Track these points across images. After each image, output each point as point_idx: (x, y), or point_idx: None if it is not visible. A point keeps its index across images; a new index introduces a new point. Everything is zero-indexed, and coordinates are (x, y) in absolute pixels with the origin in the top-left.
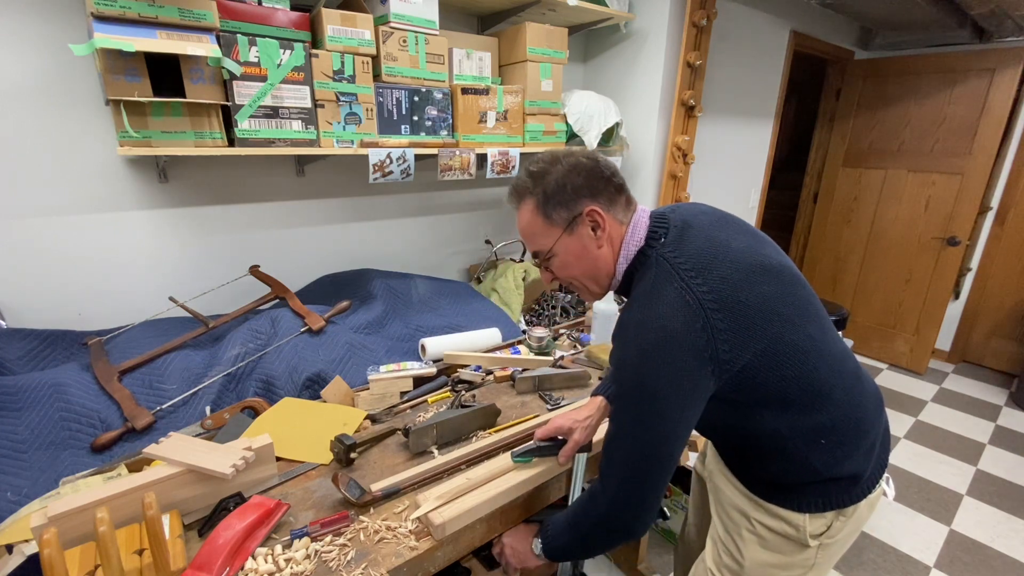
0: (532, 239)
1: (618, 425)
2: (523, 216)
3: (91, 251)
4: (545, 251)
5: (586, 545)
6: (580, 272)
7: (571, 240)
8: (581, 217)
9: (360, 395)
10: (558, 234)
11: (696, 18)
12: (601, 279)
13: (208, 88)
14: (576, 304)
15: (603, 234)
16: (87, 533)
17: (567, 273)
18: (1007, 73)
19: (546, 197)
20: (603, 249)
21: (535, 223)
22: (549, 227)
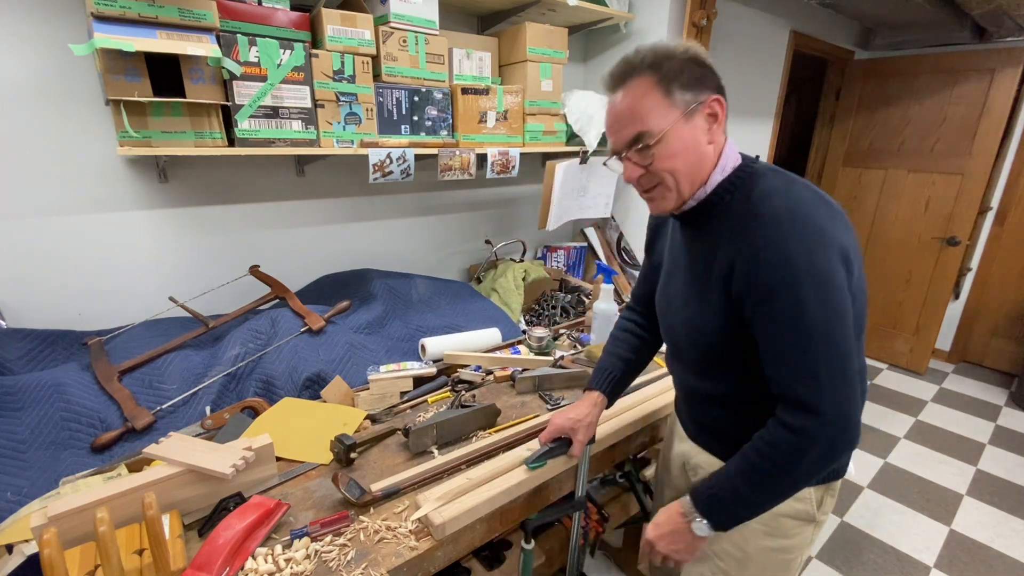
0: (639, 119)
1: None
2: (632, 93)
3: (91, 251)
4: (654, 133)
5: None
6: (682, 165)
7: (686, 127)
8: (703, 105)
9: (360, 395)
10: (675, 116)
11: (696, 18)
12: (696, 181)
13: (208, 88)
14: (576, 304)
15: (716, 129)
16: (87, 533)
17: (668, 164)
18: (1007, 73)
19: (672, 75)
20: (709, 148)
21: (650, 100)
22: (667, 107)
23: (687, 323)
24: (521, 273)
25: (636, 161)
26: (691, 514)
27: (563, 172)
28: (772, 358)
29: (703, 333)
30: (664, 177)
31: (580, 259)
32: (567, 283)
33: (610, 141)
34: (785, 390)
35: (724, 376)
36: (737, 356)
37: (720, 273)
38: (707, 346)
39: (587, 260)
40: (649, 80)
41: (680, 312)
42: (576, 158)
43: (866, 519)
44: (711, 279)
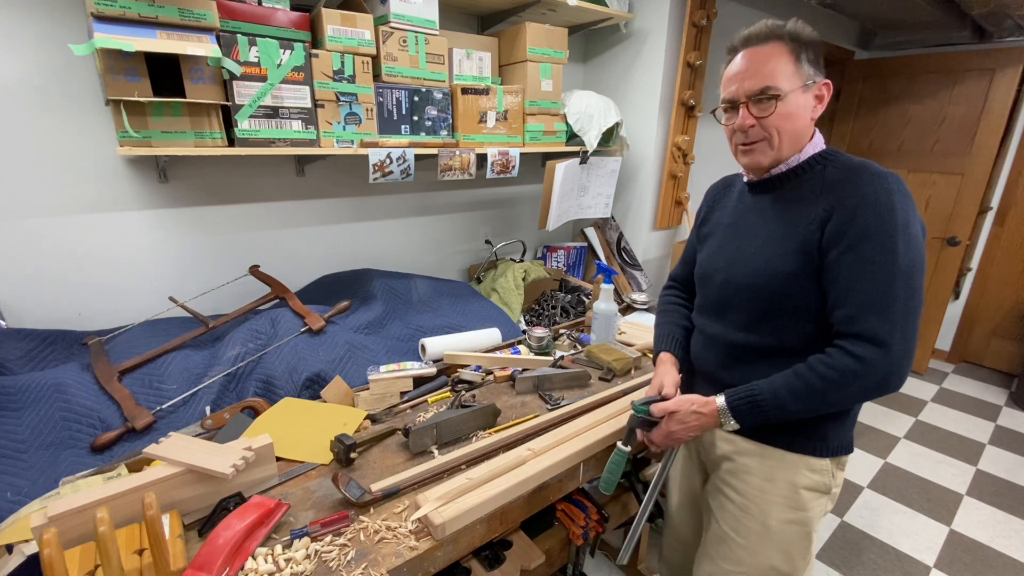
0: (770, 75)
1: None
2: (769, 52)
3: (91, 251)
4: (781, 90)
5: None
6: (790, 128)
7: (802, 97)
8: (816, 86)
9: (360, 395)
10: (798, 84)
11: (696, 18)
12: (794, 146)
13: (208, 88)
14: (576, 304)
15: (818, 109)
16: (87, 533)
17: (780, 123)
18: (1007, 73)
19: (803, 50)
20: (810, 123)
21: (784, 63)
22: (795, 75)
23: (755, 272)
24: (521, 273)
25: (754, 112)
26: (726, 418)
27: (563, 172)
28: (851, 296)
29: (772, 278)
30: (772, 133)
31: (580, 259)
32: (567, 283)
33: (730, 90)
34: (858, 325)
35: (776, 326)
36: (797, 304)
37: (808, 223)
38: (771, 292)
39: (587, 260)
40: (787, 47)
41: (745, 266)
42: (576, 158)
43: (866, 519)
44: (792, 231)
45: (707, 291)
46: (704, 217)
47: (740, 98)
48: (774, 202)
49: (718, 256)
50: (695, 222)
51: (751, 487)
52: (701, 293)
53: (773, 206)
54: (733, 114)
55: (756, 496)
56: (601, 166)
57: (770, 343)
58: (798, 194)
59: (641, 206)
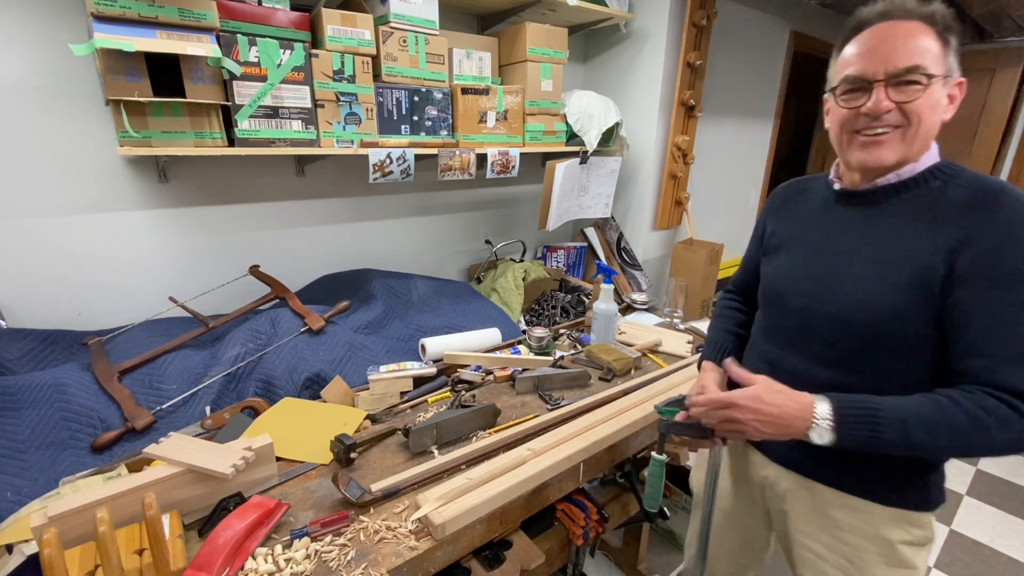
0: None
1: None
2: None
3: (91, 251)
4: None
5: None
6: (928, 119)
7: (941, 89)
8: (953, 82)
9: (360, 395)
10: (942, 73)
11: (696, 18)
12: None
13: (208, 88)
14: (576, 304)
15: (950, 112)
16: (87, 533)
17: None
18: (1007, 73)
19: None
20: (937, 124)
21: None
22: (941, 60)
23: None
24: (521, 273)
25: (893, 96)
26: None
27: (563, 172)
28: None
29: (875, 313)
30: (913, 120)
31: (580, 259)
32: (567, 283)
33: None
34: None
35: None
36: (899, 345)
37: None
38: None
39: (587, 260)
40: (934, 29)
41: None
42: (576, 158)
43: None
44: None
45: (780, 316)
46: (772, 228)
47: (878, 75)
48: (877, 219)
49: (797, 277)
50: (757, 229)
51: (845, 544)
52: (769, 316)
53: (876, 224)
54: (859, 95)
55: (853, 555)
56: (601, 166)
57: (856, 383)
58: (911, 214)
59: (641, 206)
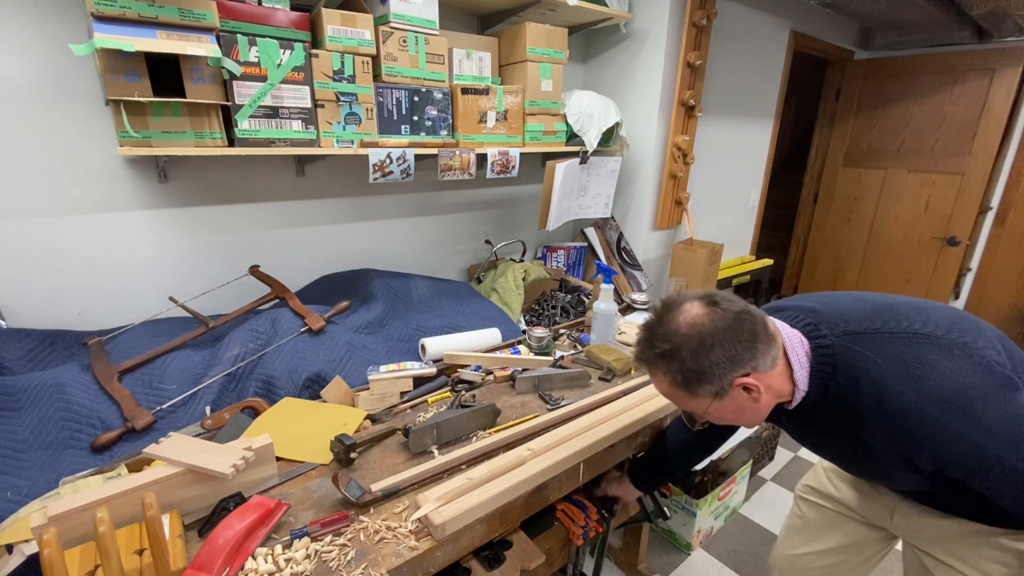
0: (677, 403)
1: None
2: (659, 385)
3: (91, 251)
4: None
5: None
6: (741, 420)
7: (723, 403)
8: (730, 386)
9: (360, 395)
10: (707, 403)
11: (696, 18)
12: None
13: (208, 88)
14: (576, 304)
15: (760, 394)
16: (87, 533)
17: (725, 422)
18: (1007, 73)
19: (684, 377)
20: (762, 400)
21: (676, 394)
22: (696, 399)
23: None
24: (521, 273)
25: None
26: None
27: (563, 172)
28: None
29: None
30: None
31: (580, 259)
32: (567, 283)
33: None
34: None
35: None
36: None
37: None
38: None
39: (587, 260)
40: (666, 380)
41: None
42: (576, 158)
43: None
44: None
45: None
46: None
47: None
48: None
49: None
50: None
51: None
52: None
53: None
54: None
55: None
56: (601, 166)
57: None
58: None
59: (641, 206)
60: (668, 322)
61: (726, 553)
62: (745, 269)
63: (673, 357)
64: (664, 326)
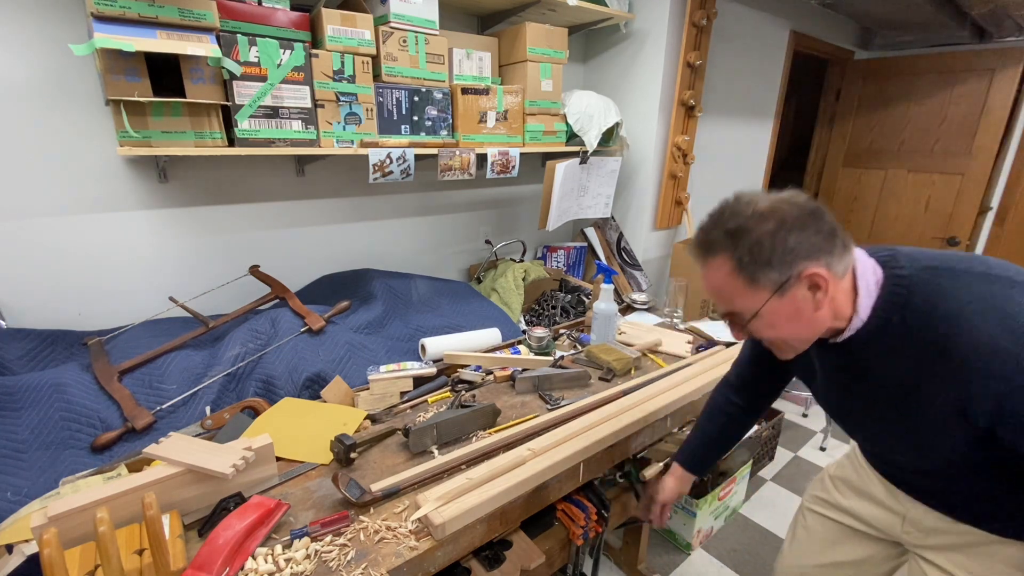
0: (727, 300)
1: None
2: (715, 274)
3: (91, 251)
4: (746, 314)
5: None
6: (789, 333)
7: (782, 303)
8: (798, 279)
9: (360, 395)
10: (765, 297)
11: (696, 18)
12: (811, 336)
13: (208, 88)
14: (576, 304)
15: (824, 298)
16: (87, 533)
17: (769, 334)
18: (1007, 73)
19: (751, 258)
20: (822, 311)
21: (732, 285)
22: (753, 291)
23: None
24: (521, 273)
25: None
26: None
27: (563, 172)
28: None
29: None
30: (772, 341)
31: (580, 259)
32: (567, 283)
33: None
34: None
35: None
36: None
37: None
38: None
39: (587, 260)
40: (728, 263)
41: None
42: (576, 158)
43: None
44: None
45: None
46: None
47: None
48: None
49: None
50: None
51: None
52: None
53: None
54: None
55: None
56: (601, 166)
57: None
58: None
59: (641, 206)
60: (743, 203)
61: (726, 553)
62: None
63: (743, 236)
64: (739, 205)
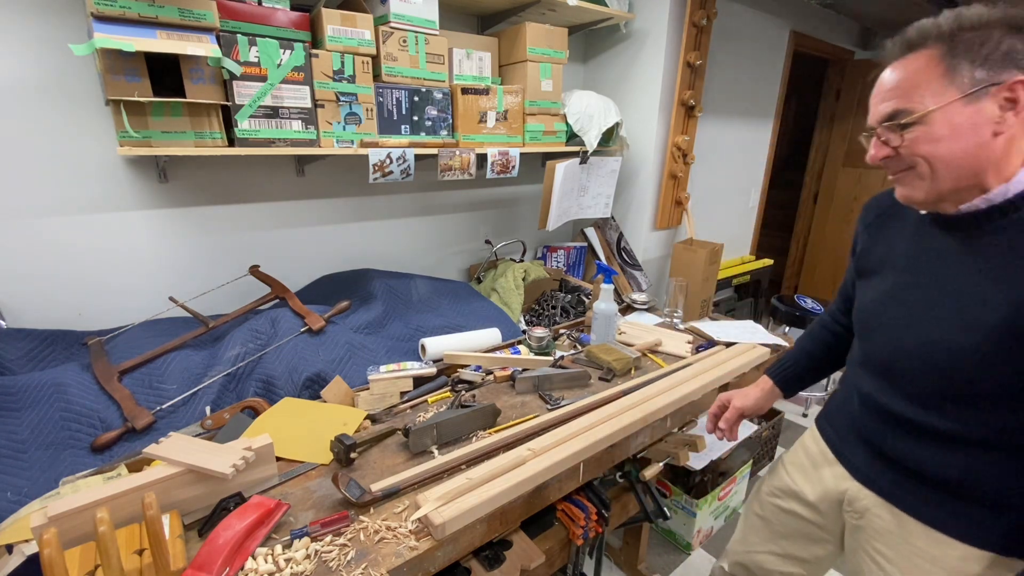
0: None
1: None
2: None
3: (91, 251)
4: (915, 111)
5: None
6: (945, 153)
7: (964, 110)
8: (998, 88)
9: (360, 395)
10: (952, 96)
11: (696, 18)
12: (966, 176)
13: (208, 88)
14: (576, 304)
15: (1013, 120)
16: (87, 533)
17: (924, 149)
18: None
19: (967, 47)
20: (998, 140)
21: (925, 74)
22: (944, 84)
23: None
24: (521, 273)
25: (885, 140)
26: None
27: (563, 172)
28: None
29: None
30: (917, 162)
31: (580, 259)
32: (567, 283)
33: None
34: None
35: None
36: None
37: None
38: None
39: (587, 260)
40: (934, 52)
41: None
42: (576, 158)
43: None
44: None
45: (869, 346)
46: (865, 246)
47: (872, 124)
48: (973, 247)
49: (886, 306)
50: (853, 248)
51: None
52: (861, 344)
53: (971, 253)
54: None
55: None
56: (601, 166)
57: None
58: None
59: (641, 206)
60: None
61: None
62: (745, 269)
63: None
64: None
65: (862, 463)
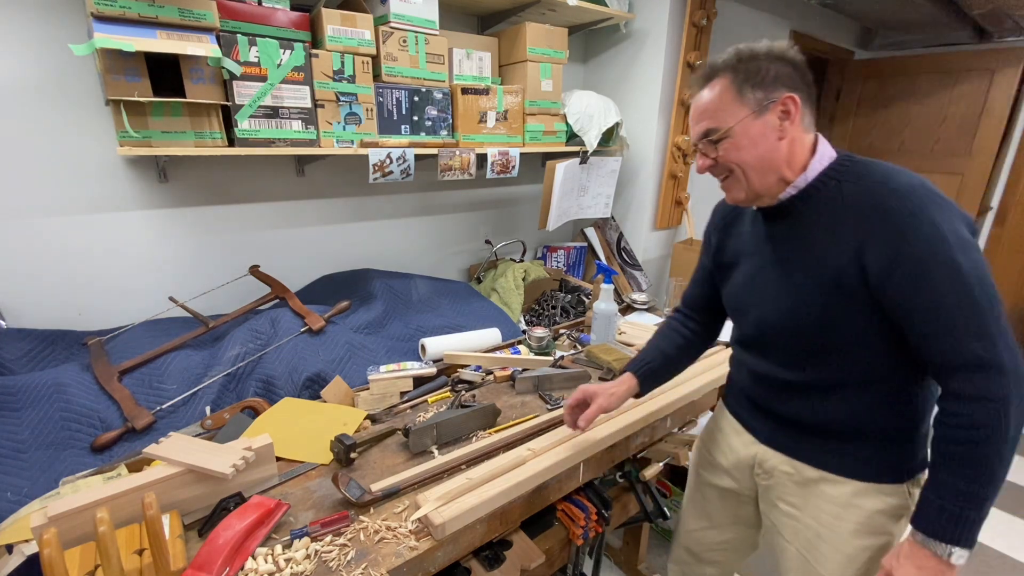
0: (711, 116)
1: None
2: (708, 93)
3: (91, 251)
4: (722, 129)
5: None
6: (749, 158)
7: (755, 123)
8: (774, 104)
9: (360, 395)
10: (744, 114)
11: (696, 18)
12: (768, 173)
13: (208, 88)
14: (576, 304)
15: (790, 127)
16: (87, 533)
17: (734, 157)
18: (1007, 73)
19: (746, 75)
20: (782, 143)
21: (722, 99)
22: (737, 105)
23: (787, 314)
24: (521, 273)
25: (705, 152)
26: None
27: (563, 172)
28: (937, 329)
29: (805, 318)
30: (732, 168)
31: (580, 259)
32: (567, 283)
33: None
34: (960, 357)
35: (825, 363)
36: (843, 338)
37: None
38: (809, 331)
39: (587, 260)
40: (725, 80)
41: (775, 304)
42: (576, 158)
43: None
44: (820, 263)
45: (743, 327)
46: (719, 243)
47: (694, 141)
48: (792, 229)
49: (747, 292)
50: (706, 245)
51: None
52: (737, 327)
53: (792, 234)
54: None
55: (830, 521)
56: (601, 166)
57: (823, 378)
58: (817, 219)
59: (641, 206)
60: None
61: None
62: None
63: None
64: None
65: (761, 427)
